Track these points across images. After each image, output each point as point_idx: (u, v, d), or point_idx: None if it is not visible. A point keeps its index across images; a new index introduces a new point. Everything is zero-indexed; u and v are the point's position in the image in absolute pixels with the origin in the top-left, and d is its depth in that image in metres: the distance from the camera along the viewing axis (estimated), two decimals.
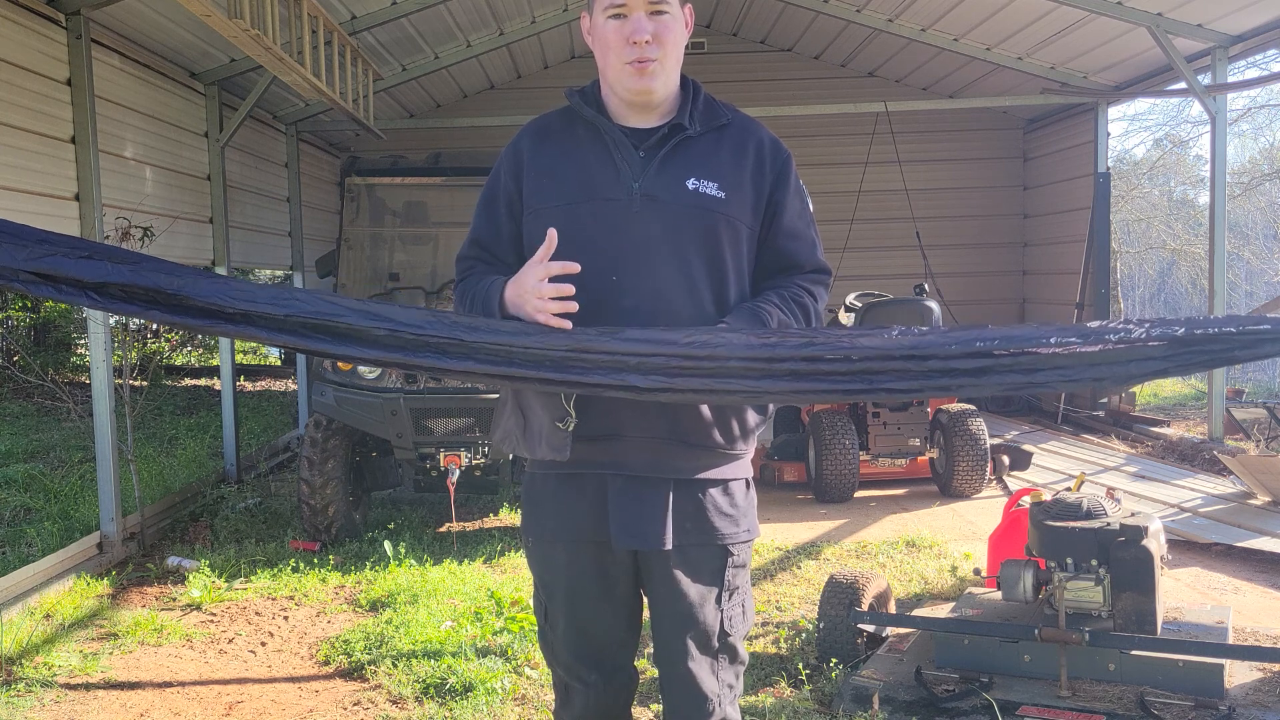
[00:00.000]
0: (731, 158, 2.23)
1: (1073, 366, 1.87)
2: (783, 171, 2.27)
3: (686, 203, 2.17)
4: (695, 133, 2.22)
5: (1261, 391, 14.32)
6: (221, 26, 5.44)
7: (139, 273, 1.99)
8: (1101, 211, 11.18)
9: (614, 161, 2.20)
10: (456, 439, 6.29)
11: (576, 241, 2.14)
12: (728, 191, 2.19)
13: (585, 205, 2.19)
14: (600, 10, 2.19)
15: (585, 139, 2.24)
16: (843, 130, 12.52)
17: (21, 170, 5.55)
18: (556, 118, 2.31)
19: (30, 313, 13.56)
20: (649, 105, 2.23)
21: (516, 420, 2.26)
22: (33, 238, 1.97)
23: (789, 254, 2.28)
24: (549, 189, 2.22)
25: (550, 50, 12.49)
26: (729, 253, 2.20)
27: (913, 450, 7.80)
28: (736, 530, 2.24)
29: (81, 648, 4.78)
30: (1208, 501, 7.16)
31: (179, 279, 2.01)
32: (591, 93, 2.30)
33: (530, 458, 2.26)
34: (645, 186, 2.18)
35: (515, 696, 4.10)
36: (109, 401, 6.13)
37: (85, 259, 1.97)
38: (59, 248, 1.97)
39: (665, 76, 2.19)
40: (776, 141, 2.31)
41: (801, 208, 2.30)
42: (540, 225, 2.17)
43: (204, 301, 2.01)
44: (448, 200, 7.77)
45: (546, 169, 2.24)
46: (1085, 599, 3.79)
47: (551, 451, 2.17)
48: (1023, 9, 9.46)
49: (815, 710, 3.84)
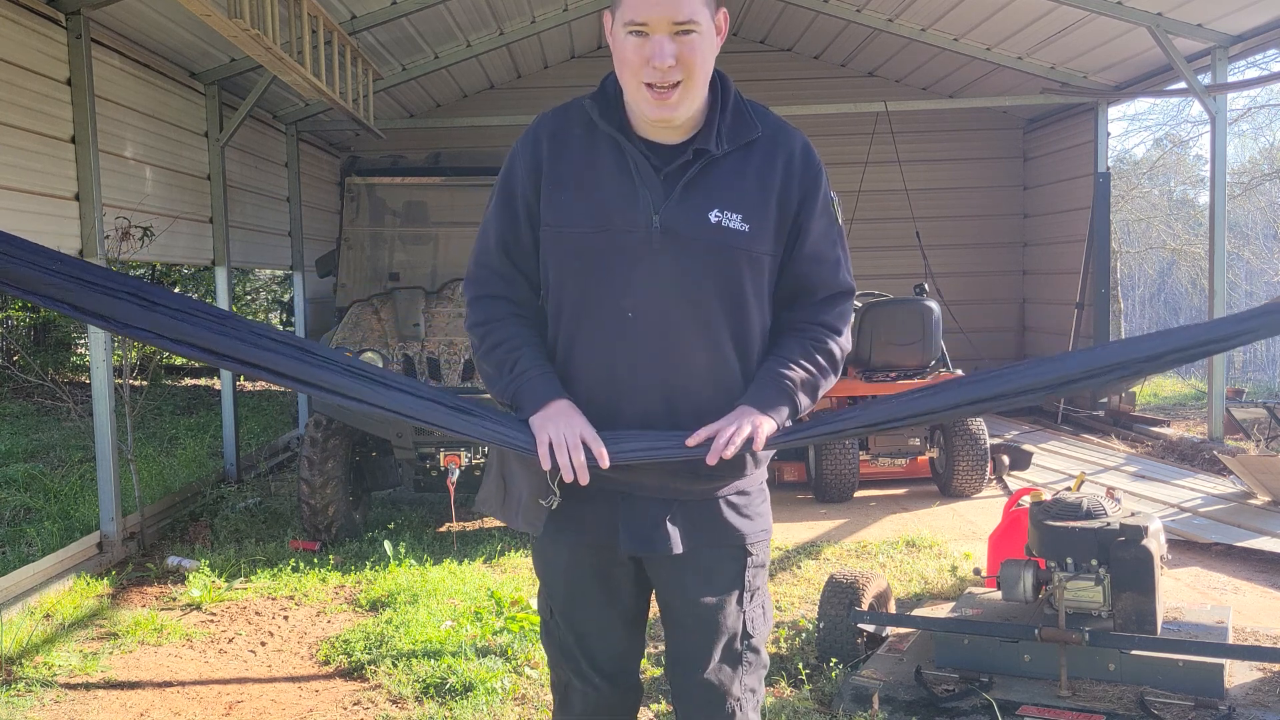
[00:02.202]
0: (757, 181, 2.09)
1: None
2: (811, 189, 2.13)
3: (707, 239, 2.05)
4: (721, 153, 2.07)
5: (1261, 391, 14.33)
6: (221, 26, 5.44)
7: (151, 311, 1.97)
8: (1101, 211, 11.18)
9: (634, 185, 2.06)
10: (456, 439, 6.29)
11: (590, 273, 2.07)
12: (752, 223, 2.07)
13: (602, 235, 2.06)
14: (620, 22, 2.01)
15: (605, 152, 2.10)
16: (843, 130, 12.51)
17: (21, 170, 5.55)
18: (577, 118, 2.14)
19: (30, 313, 13.56)
20: (671, 126, 2.08)
21: (498, 487, 2.21)
22: (50, 256, 1.95)
23: (807, 278, 2.17)
24: (564, 208, 2.09)
25: (550, 50, 12.49)
26: (750, 288, 2.10)
27: (913, 450, 7.80)
28: (754, 528, 2.18)
29: (81, 647, 4.78)
30: (1208, 501, 7.16)
31: (193, 327, 1.98)
32: (614, 97, 2.12)
33: (506, 524, 2.22)
34: (665, 219, 2.05)
35: (515, 696, 4.10)
36: (109, 401, 6.13)
37: (106, 295, 1.96)
38: (75, 276, 1.95)
39: (690, 101, 2.03)
40: (809, 152, 2.16)
41: (827, 227, 2.17)
42: (554, 248, 2.10)
43: (224, 349, 1.99)
44: (448, 200, 7.77)
45: (563, 183, 2.10)
46: (1085, 599, 3.79)
47: (527, 525, 2.12)
48: (1023, 9, 9.46)
49: (815, 710, 3.84)
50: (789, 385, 2.12)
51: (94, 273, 1.98)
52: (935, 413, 2.19)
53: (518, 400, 2.10)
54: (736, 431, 2.02)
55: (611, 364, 2.09)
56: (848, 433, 2.25)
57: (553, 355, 2.17)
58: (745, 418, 2.06)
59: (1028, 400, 2.10)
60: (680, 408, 2.10)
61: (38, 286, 1.90)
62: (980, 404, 2.12)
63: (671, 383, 2.10)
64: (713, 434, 2.03)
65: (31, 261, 1.91)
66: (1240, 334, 2.00)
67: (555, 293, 2.15)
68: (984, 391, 2.10)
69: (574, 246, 2.09)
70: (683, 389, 2.10)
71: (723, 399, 2.11)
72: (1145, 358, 2.02)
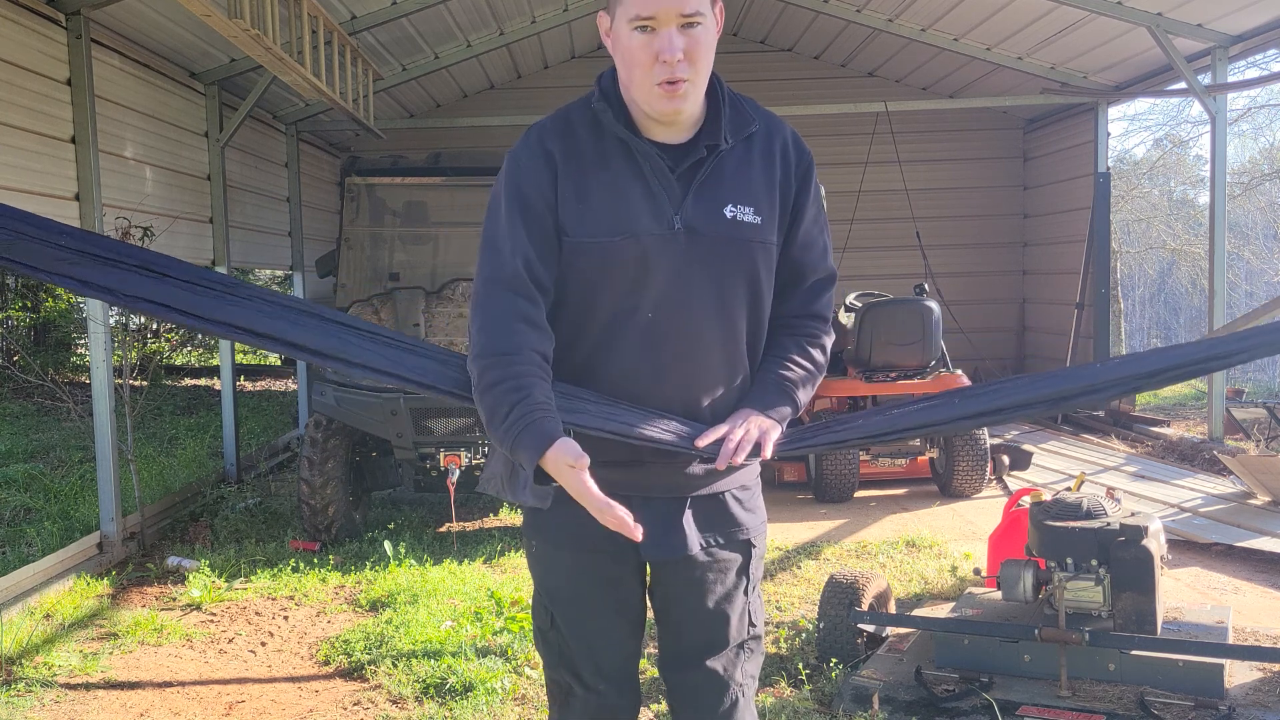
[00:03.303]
0: (762, 172, 2.13)
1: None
2: (805, 177, 2.18)
3: (726, 235, 2.07)
4: (728, 148, 2.10)
5: (1261, 391, 14.33)
6: (221, 26, 5.44)
7: (161, 286, 2.01)
8: (1101, 211, 11.18)
9: (650, 188, 2.05)
10: (456, 439, 6.29)
11: (615, 281, 2.06)
12: (763, 215, 2.10)
13: (625, 241, 2.04)
14: (624, 19, 1.98)
15: (616, 158, 2.07)
16: (843, 130, 12.51)
17: (21, 170, 5.55)
18: (581, 120, 2.11)
19: (30, 313, 13.56)
20: (677, 123, 2.08)
21: (505, 464, 2.18)
22: (56, 230, 1.99)
23: (801, 264, 2.21)
24: (583, 216, 2.05)
25: (550, 50, 12.49)
26: (765, 279, 2.14)
27: (913, 450, 7.80)
28: (755, 520, 2.23)
29: (81, 648, 4.78)
30: (1208, 501, 7.15)
31: (194, 296, 2.02)
32: (615, 96, 2.10)
33: (513, 501, 2.18)
34: (686, 219, 2.05)
35: (515, 696, 4.10)
36: (109, 401, 6.14)
37: (111, 266, 2.01)
38: (82, 246, 2.00)
39: (697, 95, 2.04)
40: (799, 142, 2.20)
41: (817, 213, 2.23)
42: (576, 258, 2.06)
43: (222, 317, 2.03)
44: (448, 200, 7.77)
45: (578, 189, 2.06)
46: (1085, 599, 3.79)
47: (535, 500, 2.08)
48: (1023, 9, 9.46)
49: (815, 710, 3.84)
50: (789, 386, 2.16)
51: (101, 245, 2.04)
52: (936, 425, 2.26)
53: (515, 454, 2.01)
54: (745, 439, 2.04)
55: (636, 369, 2.09)
56: (851, 443, 2.30)
57: (573, 363, 2.14)
58: (752, 423, 2.07)
59: (1027, 414, 2.16)
60: (699, 408, 2.13)
61: (46, 263, 1.95)
62: (981, 418, 2.20)
63: (691, 383, 2.12)
64: (721, 437, 2.05)
65: (40, 237, 1.95)
66: (1239, 352, 2.07)
67: (578, 302, 2.11)
68: (984, 405, 2.18)
69: (595, 256, 2.05)
70: (701, 388, 2.13)
71: (734, 397, 2.15)
72: (1148, 373, 2.11)
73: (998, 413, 2.19)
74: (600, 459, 2.01)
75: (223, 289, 2.11)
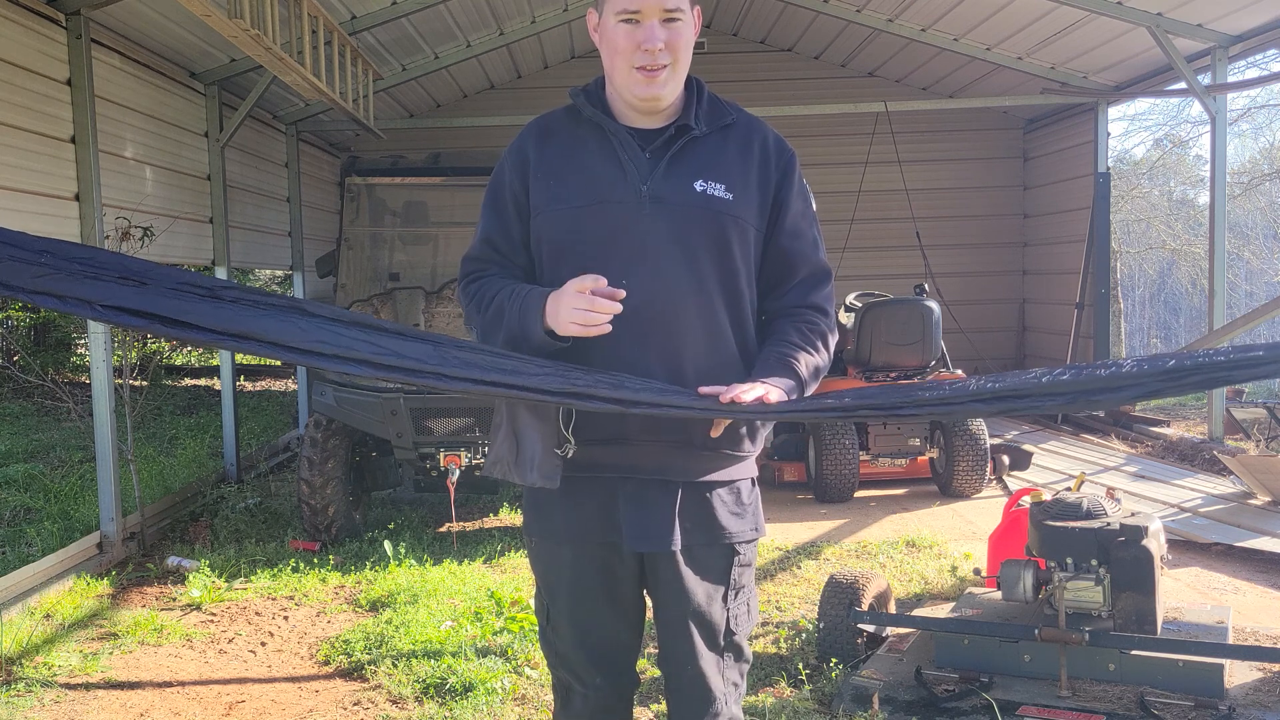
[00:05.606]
0: (738, 157, 2.22)
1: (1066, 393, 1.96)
2: (787, 171, 2.26)
3: (695, 205, 2.16)
4: (701, 133, 2.21)
5: (1261, 391, 14.30)
6: (221, 26, 5.44)
7: (144, 295, 1.93)
8: (1101, 211, 11.18)
9: (620, 163, 2.19)
10: (456, 439, 6.29)
11: (585, 245, 2.14)
12: (735, 193, 2.19)
13: (593, 208, 2.17)
14: (611, 12, 2.16)
15: (590, 139, 2.22)
16: (843, 130, 12.52)
17: (21, 170, 5.55)
18: (560, 117, 2.29)
19: (30, 313, 13.57)
20: (656, 110, 2.22)
21: (509, 446, 2.22)
22: (35, 248, 1.91)
23: (790, 254, 2.26)
24: (556, 191, 2.20)
25: (550, 50, 12.49)
26: (738, 252, 2.20)
27: (913, 450, 7.80)
28: (743, 529, 2.24)
29: (81, 648, 4.78)
30: (1208, 501, 7.16)
31: (183, 303, 1.94)
32: (595, 92, 2.27)
33: (521, 484, 2.22)
34: (653, 189, 2.16)
35: (515, 696, 4.10)
36: (109, 401, 6.14)
37: (90, 279, 1.90)
38: (62, 263, 1.91)
39: (675, 83, 2.19)
40: (781, 140, 2.30)
41: (804, 207, 2.29)
42: (549, 227, 2.18)
43: (210, 324, 1.94)
44: (448, 200, 7.77)
45: (552, 170, 2.22)
46: (1085, 599, 3.79)
47: (543, 479, 2.14)
48: (1023, 9, 9.46)
49: (815, 710, 3.84)
50: (793, 363, 2.17)
51: (81, 256, 1.95)
52: (951, 405, 2.11)
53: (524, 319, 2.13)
54: (750, 388, 2.05)
55: (617, 337, 2.10)
56: (859, 411, 2.25)
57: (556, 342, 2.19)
58: (757, 383, 2.09)
59: (1039, 408, 2.00)
60: (683, 373, 2.14)
61: (26, 281, 1.88)
62: (996, 402, 2.05)
63: (669, 349, 2.15)
64: (723, 390, 2.06)
65: (19, 257, 1.88)
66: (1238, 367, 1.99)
67: (550, 271, 2.21)
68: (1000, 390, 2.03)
69: (567, 222, 2.18)
70: (681, 354, 2.15)
71: (720, 368, 2.16)
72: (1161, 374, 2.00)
73: (1017, 399, 2.00)
74: (585, 437, 2.13)
75: (206, 291, 2.02)
